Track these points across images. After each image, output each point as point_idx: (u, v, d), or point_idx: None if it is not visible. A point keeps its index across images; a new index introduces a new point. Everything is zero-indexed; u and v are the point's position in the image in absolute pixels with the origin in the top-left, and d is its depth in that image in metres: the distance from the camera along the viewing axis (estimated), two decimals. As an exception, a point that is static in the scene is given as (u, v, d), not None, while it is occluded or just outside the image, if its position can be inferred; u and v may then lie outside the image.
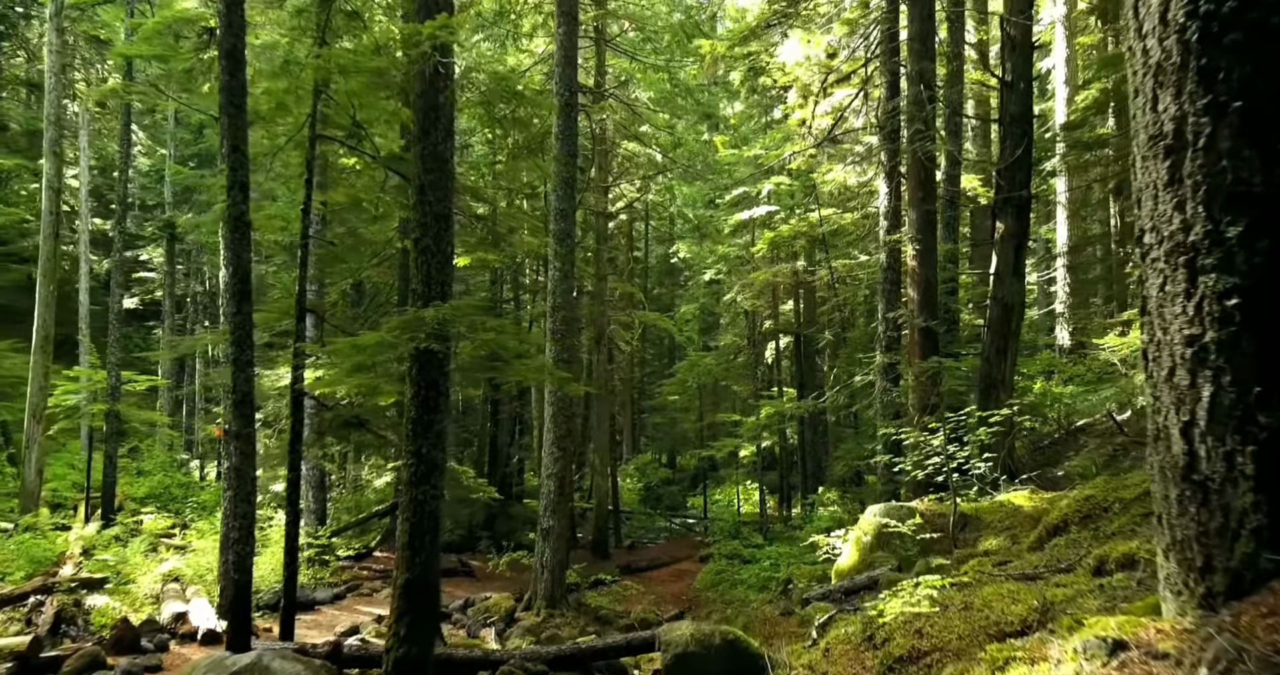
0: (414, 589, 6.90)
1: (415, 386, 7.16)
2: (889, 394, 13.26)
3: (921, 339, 12.94)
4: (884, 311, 13.60)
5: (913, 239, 13.14)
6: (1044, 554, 5.26)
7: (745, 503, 29.90)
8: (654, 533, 28.82)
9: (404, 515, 7.06)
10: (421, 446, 7.10)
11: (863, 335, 20.45)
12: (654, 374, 39.12)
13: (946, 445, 8.53)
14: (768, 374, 30.31)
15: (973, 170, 20.33)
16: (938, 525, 8.60)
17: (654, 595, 17.67)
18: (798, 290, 25.56)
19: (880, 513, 8.91)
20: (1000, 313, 12.73)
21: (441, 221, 7.36)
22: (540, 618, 14.18)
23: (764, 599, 15.36)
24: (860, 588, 8.07)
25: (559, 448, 14.59)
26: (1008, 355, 12.70)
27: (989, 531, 8.17)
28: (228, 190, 8.61)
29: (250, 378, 8.52)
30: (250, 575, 8.43)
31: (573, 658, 8.49)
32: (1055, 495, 8.60)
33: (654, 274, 45.32)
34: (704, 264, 27.51)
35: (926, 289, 12.99)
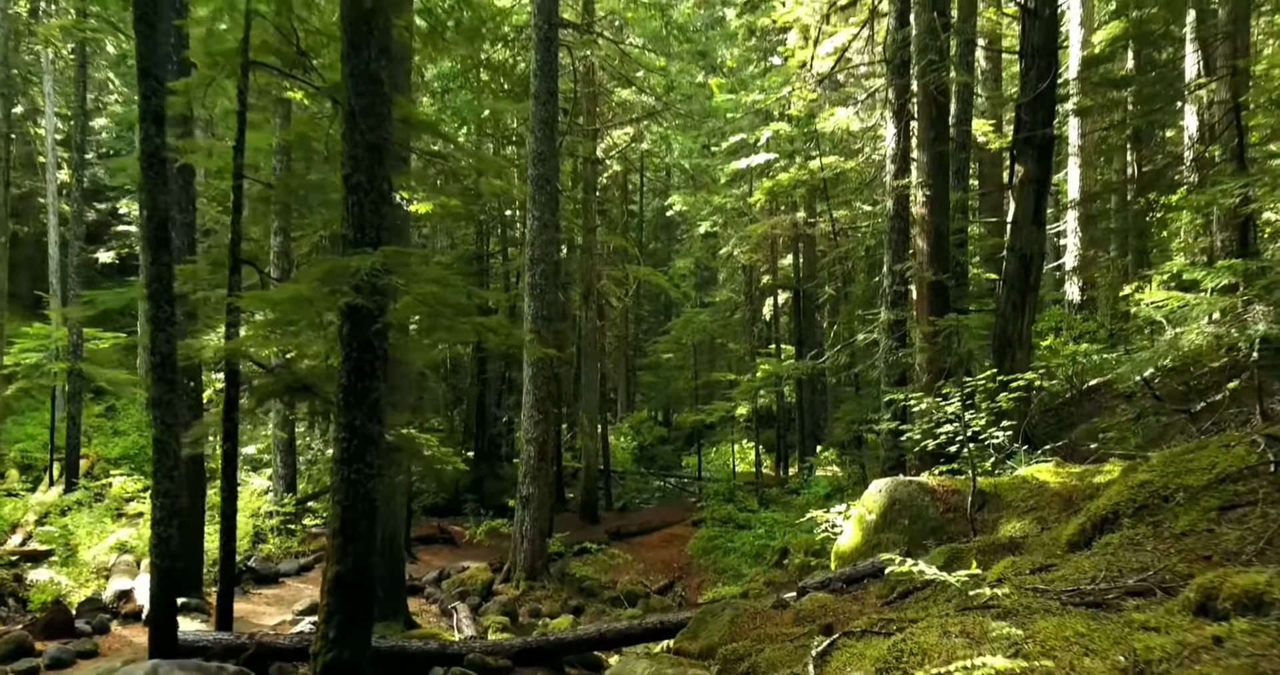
0: (346, 584, 5.93)
1: (347, 348, 6.11)
2: (894, 354, 12.22)
3: (930, 294, 11.86)
4: (890, 264, 12.50)
5: (922, 184, 11.98)
6: (1095, 557, 4.25)
7: (741, 462, 29.07)
8: (647, 493, 28.05)
9: (334, 498, 6.06)
10: (355, 418, 6.07)
11: (865, 290, 19.36)
12: (650, 331, 38.05)
13: (963, 412, 7.51)
14: (765, 331, 29.27)
15: (981, 115, 19.09)
16: (951, 503, 7.62)
17: (643, 563, 16.84)
18: (797, 243, 24.40)
19: (887, 489, 7.92)
20: (1018, 264, 11.63)
21: (375, 154, 6.25)
22: (519, 591, 13.35)
23: (758, 571, 14.53)
24: (864, 575, 7.11)
25: (539, 411, 13.61)
26: (1025, 311, 11.63)
27: (1010, 512, 7.18)
28: (140, 122, 7.47)
29: (171, 338, 7.47)
30: (175, 561, 7.47)
31: (539, 651, 7.57)
32: (1085, 469, 7.60)
33: (649, 228, 44.05)
34: (699, 216, 26.27)
35: (937, 239, 11.88)
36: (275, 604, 11.94)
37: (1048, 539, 5.81)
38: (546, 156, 13.74)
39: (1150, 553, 4.08)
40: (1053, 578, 3.96)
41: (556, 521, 20.21)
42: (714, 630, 6.64)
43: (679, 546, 18.46)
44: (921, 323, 11.76)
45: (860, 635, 3.99)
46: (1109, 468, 7.39)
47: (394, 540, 10.68)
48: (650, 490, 28.71)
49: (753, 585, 13.59)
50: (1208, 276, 7.42)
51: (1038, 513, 6.87)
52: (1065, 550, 5.07)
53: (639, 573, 15.77)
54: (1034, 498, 7.27)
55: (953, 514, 7.52)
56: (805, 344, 23.39)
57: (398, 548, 10.76)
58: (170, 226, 12.04)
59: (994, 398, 7.84)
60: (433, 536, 17.64)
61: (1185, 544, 4.03)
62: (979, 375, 8.35)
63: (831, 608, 6.39)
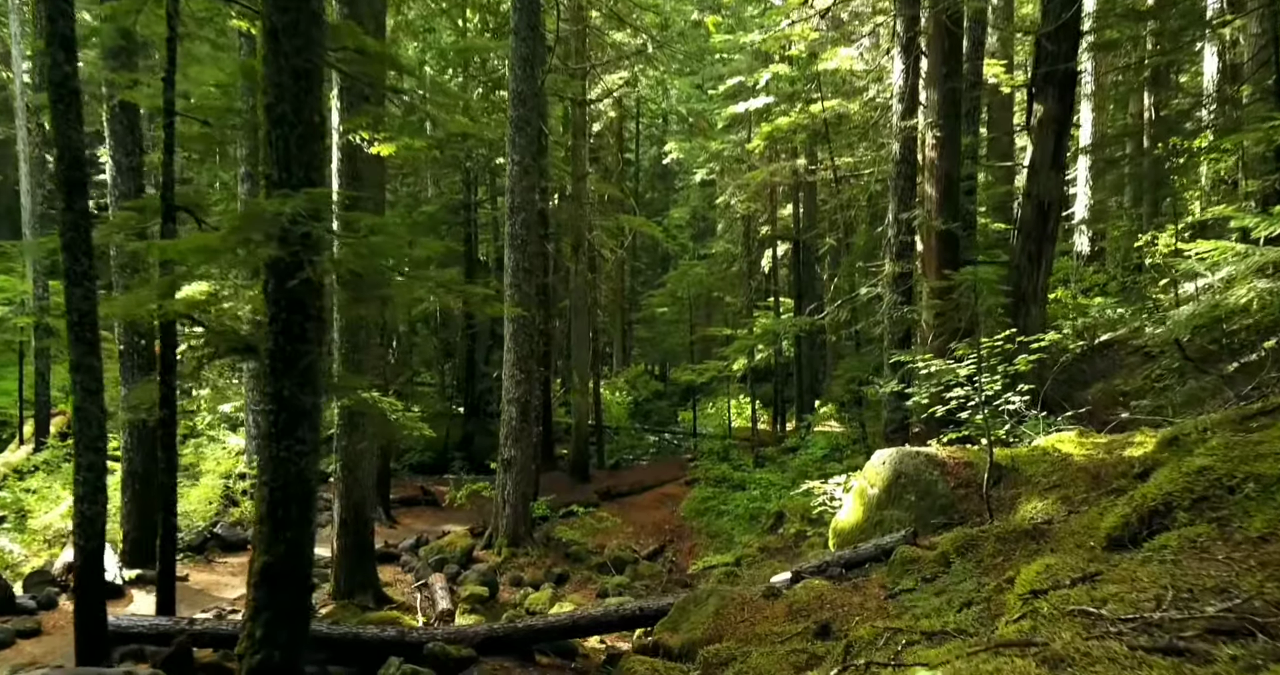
0: (276, 576, 5.19)
1: (273, 308, 5.28)
2: (898, 309, 11.39)
3: (939, 245, 11.00)
4: (895, 212, 11.60)
5: (932, 125, 11.03)
6: (1151, 565, 3.48)
7: (738, 417, 28.42)
8: (641, 449, 27.46)
9: (261, 479, 5.29)
10: (283, 388, 5.26)
11: (867, 241, 18.46)
12: (647, 284, 37.10)
13: (979, 376, 6.72)
14: (764, 284, 28.37)
15: (991, 56, 17.95)
16: (963, 477, 6.87)
17: (633, 526, 16.21)
18: (797, 192, 23.39)
19: (891, 461, 7.16)
20: (1035, 212, 10.76)
21: (303, 81, 5.34)
22: (501, 558, 12.71)
23: (752, 537, 13.89)
24: (866, 559, 6.39)
25: (521, 369, 12.82)
26: (1041, 263, 10.80)
27: (1030, 489, 6.43)
28: (46, 47, 6.54)
29: (90, 294, 6.64)
30: (102, 542, 6.75)
31: (507, 639, 6.89)
32: (1113, 440, 6.83)
33: (646, 177, 42.91)
34: (695, 163, 25.19)
35: (947, 184, 10.97)
36: (241, 573, 11.27)
37: (1079, 527, 5.05)
38: (527, 96, 12.74)
39: (1223, 564, 3.31)
40: (1103, 595, 3.19)
41: (546, 481, 19.61)
42: (697, 622, 5.94)
43: (671, 507, 17.84)
44: (929, 275, 10.92)
45: (865, 671, 3.22)
46: (1139, 438, 6.62)
47: (361, 510, 9.98)
48: (645, 446, 28.10)
49: (746, 552, 12.97)
50: (1262, 224, 6.56)
51: (1062, 491, 6.11)
52: (1105, 546, 4.30)
53: (628, 536, 15.15)
54: (1056, 473, 6.51)
55: (964, 490, 6.77)
56: (805, 297, 22.55)
57: (366, 518, 10.06)
58: (118, 171, 11.19)
59: (1010, 360, 7.04)
60: (415, 498, 17.00)
61: (1269, 554, 3.26)
62: (989, 332, 7.55)
63: (829, 599, 5.68)
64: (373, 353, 10.29)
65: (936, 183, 10.99)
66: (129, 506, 10.71)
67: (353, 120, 9.05)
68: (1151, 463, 5.66)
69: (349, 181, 9.74)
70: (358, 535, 9.94)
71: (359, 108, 9.45)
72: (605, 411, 29.37)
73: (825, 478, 11.31)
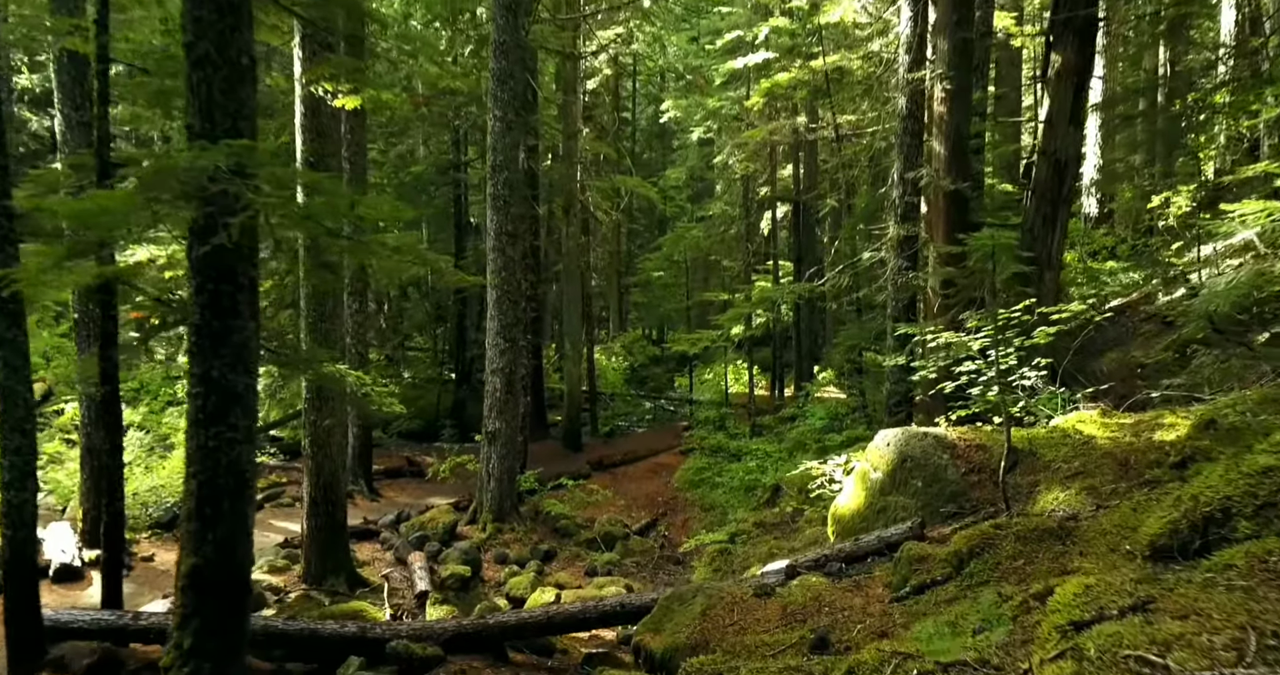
0: (206, 580, 4.61)
1: (198, 278, 4.64)
2: (903, 275, 10.72)
3: (948, 206, 10.31)
4: (900, 172, 10.88)
5: (941, 76, 10.27)
6: (1218, 591, 2.88)
7: (735, 383, 27.87)
8: (637, 416, 26.95)
9: (189, 470, 4.70)
10: (211, 368, 4.64)
11: (869, 203, 17.72)
12: (645, 246, 36.29)
13: (996, 350, 6.09)
14: (763, 246, 27.64)
15: (1000, 9, 17.06)
16: (975, 462, 6.27)
17: (625, 498, 15.71)
18: (797, 152, 22.59)
19: (896, 443, 6.57)
20: (1050, 171, 10.06)
21: (229, 17, 4.63)
22: (486, 534, 12.20)
23: (747, 512, 13.38)
24: (868, 553, 5.82)
25: (505, 338, 12.20)
26: (1057, 226, 10.14)
27: (1050, 477, 5.84)
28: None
29: (11, 260, 6.00)
30: (32, 531, 6.18)
31: (477, 636, 6.34)
32: (1139, 421, 6.22)
33: (643, 136, 41.96)
34: (692, 121, 24.31)
35: (957, 141, 10.25)
36: (211, 553, 10.77)
37: (1111, 526, 4.46)
38: (510, 47, 11.95)
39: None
40: (1164, 636, 2.59)
41: (538, 450, 19.09)
42: (682, 623, 5.38)
43: (665, 478, 17.34)
44: (936, 239, 10.25)
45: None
46: (1169, 419, 6.01)
47: (332, 488, 9.42)
48: (640, 413, 27.59)
49: (741, 526, 12.46)
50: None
51: (1086, 479, 5.52)
52: (1148, 555, 3.70)
53: (619, 510, 14.64)
54: (1079, 457, 5.92)
55: (976, 475, 6.18)
56: (805, 260, 21.85)
57: (337, 496, 9.50)
58: (68, 126, 10.43)
59: (1028, 332, 6.39)
60: (400, 469, 16.47)
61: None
62: (998, 300, 6.91)
63: (827, 600, 5.12)
64: (343, 322, 9.65)
65: (945, 139, 10.27)
66: (88, 484, 10.15)
67: (314, 70, 8.32)
68: (1189, 450, 5.06)
69: (314, 138, 9.03)
70: (329, 515, 9.39)
71: (321, 57, 8.72)
72: (600, 378, 28.80)
73: (824, 456, 10.77)
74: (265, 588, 9.10)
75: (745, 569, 10.59)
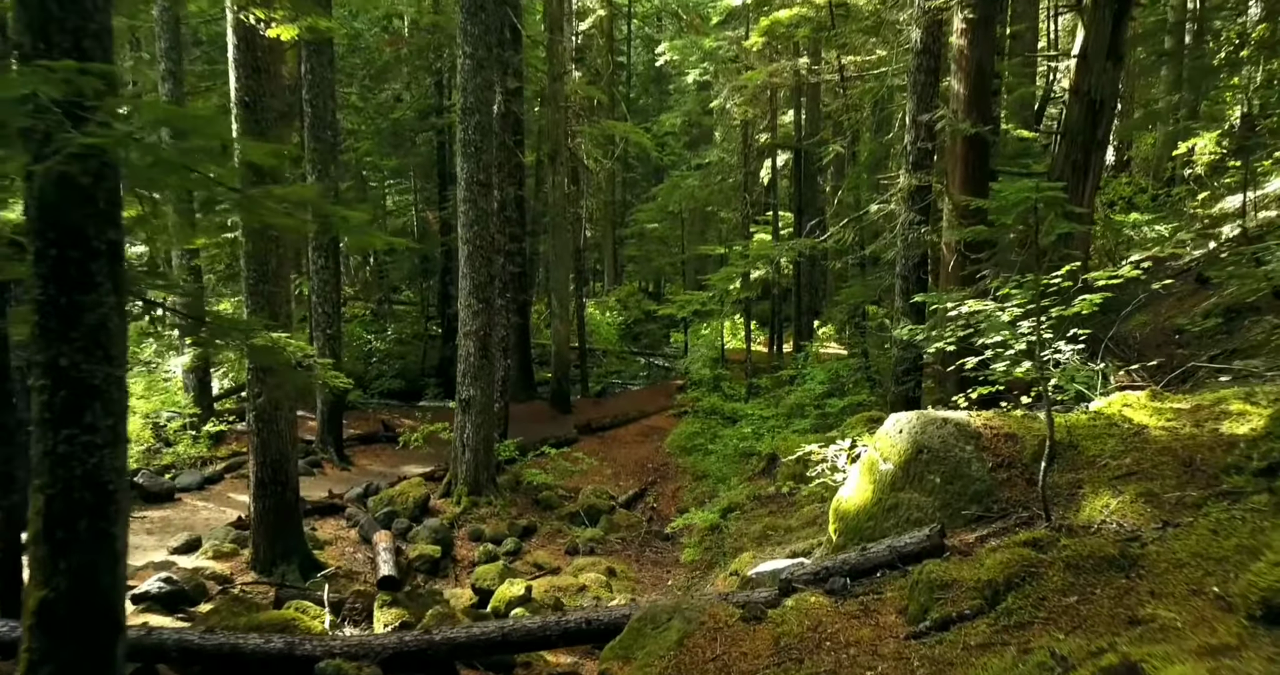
0: (58, 617, 3.71)
1: (39, 241, 3.66)
2: (915, 229, 9.69)
3: (967, 151, 9.23)
4: (914, 114, 9.77)
5: (962, 4, 9.11)
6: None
7: (732, 338, 26.93)
8: (631, 373, 26.07)
9: (36, 483, 3.77)
10: (60, 355, 3.68)
11: (875, 149, 16.57)
12: (643, 196, 34.96)
13: (1038, 323, 5.12)
14: (762, 197, 26.42)
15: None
16: (1004, 455, 5.34)
17: (613, 465, 14.88)
18: (799, 97, 21.31)
19: (910, 430, 5.62)
20: (1084, 112, 8.97)
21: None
22: (460, 508, 11.38)
23: (742, 484, 12.51)
24: (878, 565, 4.92)
25: (478, 298, 11.22)
26: (1089, 174, 9.07)
27: (1096, 474, 4.91)
28: None
29: None
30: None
31: (421, 655, 5.48)
32: (1197, 405, 5.26)
33: (640, 81, 40.40)
34: (688, 63, 22.93)
35: (979, 79, 9.13)
36: (158, 533, 9.94)
37: (1188, 556, 3.54)
38: (480, -26, 10.75)
39: None
40: None
41: (524, 412, 18.23)
42: (655, 652, 4.50)
43: (656, 442, 16.51)
44: (954, 189, 9.20)
45: None
46: (1236, 405, 5.05)
47: (282, 467, 8.53)
48: (635, 369, 26.70)
49: (735, 498, 11.63)
50: None
51: (1141, 482, 4.59)
52: (1258, 615, 2.77)
53: (606, 479, 13.81)
54: (1129, 452, 4.98)
55: (1006, 472, 5.25)
56: (806, 211, 20.74)
57: (288, 475, 8.61)
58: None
59: (1068, 300, 5.41)
60: (374, 435, 15.59)
61: None
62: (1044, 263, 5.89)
63: (829, 631, 4.23)
64: (288, 283, 8.65)
65: (966, 77, 9.15)
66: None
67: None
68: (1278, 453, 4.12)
69: (248, 75, 7.92)
70: (278, 497, 8.51)
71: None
72: (594, 333, 27.82)
73: (824, 421, 9.88)
74: (209, 576, 8.26)
75: (737, 552, 9.77)
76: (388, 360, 22.95)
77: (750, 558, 8.55)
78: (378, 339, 24.46)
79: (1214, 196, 16.49)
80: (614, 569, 9.65)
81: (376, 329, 25.25)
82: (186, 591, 7.39)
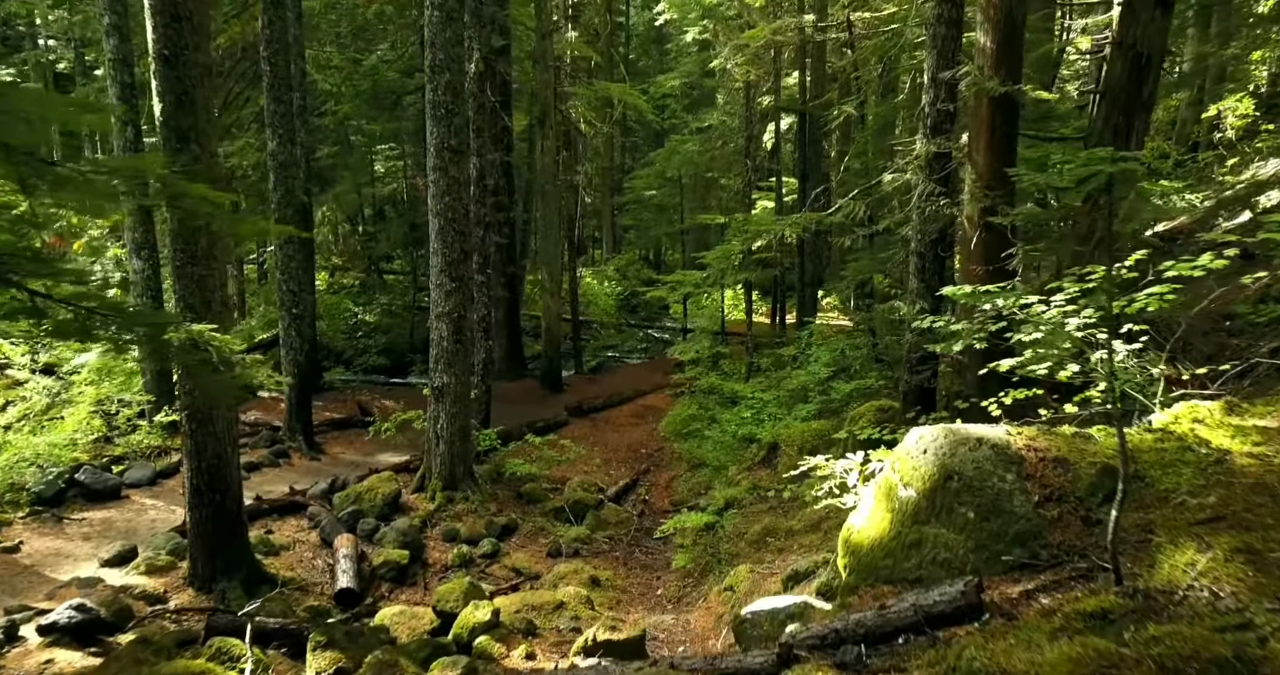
0: None
1: None
2: (933, 201, 8.64)
3: (993, 114, 8.13)
4: (934, 71, 8.66)
5: (992, -55, 7.97)
6: None
7: (733, 310, 25.92)
8: (629, 346, 25.14)
9: None
10: None
11: (885, 111, 15.44)
12: (643, 162, 33.69)
13: (1108, 326, 4.13)
14: (765, 162, 25.24)
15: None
16: (1053, 486, 4.38)
17: (604, 450, 14.00)
18: (804, 57, 20.10)
19: (937, 450, 4.65)
20: (1128, 69, 7.89)
21: None
22: (434, 505, 10.51)
23: (741, 473, 11.61)
24: (900, 628, 3.97)
25: (451, 276, 10.23)
26: (1133, 139, 8.01)
27: (1170, 516, 3.95)
28: None
29: None
30: None
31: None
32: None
33: (639, 42, 39.00)
34: (687, 21, 21.67)
35: (1010, 30, 8.01)
36: (96, 538, 9.04)
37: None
38: (448, -86, 9.60)
39: None
40: None
41: (514, 391, 17.32)
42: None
43: (651, 424, 15.61)
44: (978, 155, 8.14)
45: None
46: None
47: (220, 471, 7.59)
48: (633, 343, 25.75)
49: (732, 492, 10.74)
50: None
51: (1236, 532, 3.62)
52: None
53: (595, 468, 12.92)
54: (1212, 488, 4.02)
55: (1056, 507, 4.30)
56: (810, 178, 19.64)
57: (227, 480, 7.68)
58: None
59: (1130, 294, 4.40)
60: (350, 420, 14.66)
61: None
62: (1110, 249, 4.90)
63: (840, 731, 3.27)
64: (221, 266, 7.65)
65: (994, 28, 8.03)
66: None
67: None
68: None
69: (167, 23, 6.86)
70: (217, 505, 7.59)
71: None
72: (591, 305, 26.83)
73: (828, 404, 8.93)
74: (138, 595, 7.38)
75: (733, 558, 8.86)
76: (374, 335, 21.96)
77: (747, 573, 7.64)
78: (365, 311, 23.49)
79: (1244, 162, 15.42)
80: (598, 578, 8.77)
81: (365, 301, 24.27)
82: (104, 619, 6.50)
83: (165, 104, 7.00)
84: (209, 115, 7.30)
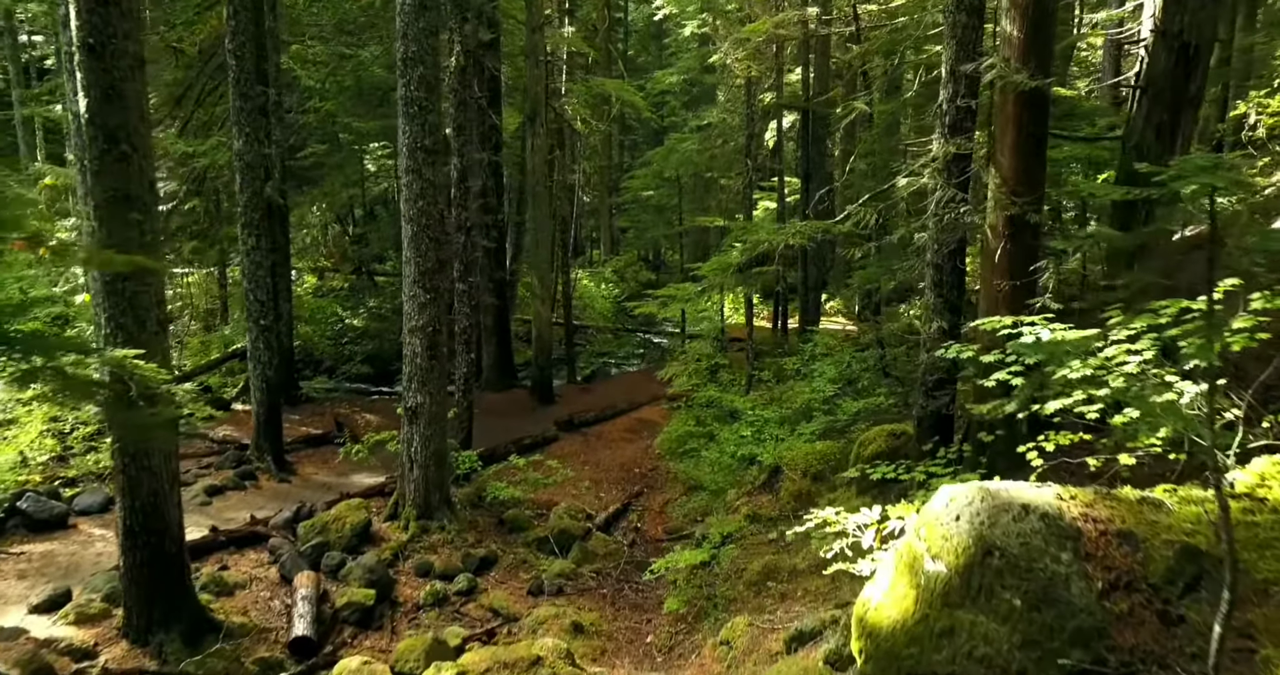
0: None
1: None
2: (952, 207, 7.82)
3: (1020, 111, 7.29)
4: (952, 63, 7.84)
5: (1019, -77, 7.14)
6: None
7: (734, 313, 25.09)
8: (625, 353, 24.32)
9: None
10: None
11: (897, 107, 14.61)
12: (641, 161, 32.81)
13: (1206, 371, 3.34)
14: (767, 162, 24.40)
15: None
16: (1119, 569, 3.56)
17: (595, 470, 13.19)
18: (807, 52, 19.29)
19: (974, 518, 3.83)
20: (1173, 61, 7.09)
21: None
22: (408, 534, 9.71)
23: (740, 498, 10.79)
24: (932, 759, 3.15)
25: (426, 288, 9.42)
26: (1178, 140, 7.21)
27: (1274, 615, 3.14)
28: None
29: None
30: None
31: None
32: None
33: (639, 38, 38.22)
34: (685, 14, 20.84)
35: (1040, 17, 7.17)
36: (34, 575, 8.25)
37: None
38: (421, -107, 8.77)
39: None
40: None
41: (501, 403, 16.52)
42: None
43: (646, 440, 14.77)
44: (1003, 157, 7.31)
45: None
46: None
47: (157, 511, 6.80)
48: (630, 349, 24.93)
49: (732, 523, 9.92)
50: None
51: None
52: None
53: (584, 490, 12.10)
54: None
55: (1126, 599, 3.48)
56: (814, 178, 18.84)
57: (165, 521, 6.89)
58: None
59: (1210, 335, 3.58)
60: (326, 436, 13.83)
61: None
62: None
63: None
64: (156, 283, 6.84)
65: (1022, 15, 7.20)
66: None
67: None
68: None
69: (92, 9, 6.06)
70: (154, 548, 6.80)
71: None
72: (587, 308, 26.03)
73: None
74: (64, 651, 6.59)
75: (730, 603, 8.01)
76: (360, 341, 21.13)
77: (745, 626, 6.83)
78: (353, 315, 22.70)
79: (1275, 163, 14.63)
80: (581, 623, 7.97)
81: (353, 304, 23.47)
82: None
83: (90, 99, 6.20)
84: (142, 112, 6.50)
